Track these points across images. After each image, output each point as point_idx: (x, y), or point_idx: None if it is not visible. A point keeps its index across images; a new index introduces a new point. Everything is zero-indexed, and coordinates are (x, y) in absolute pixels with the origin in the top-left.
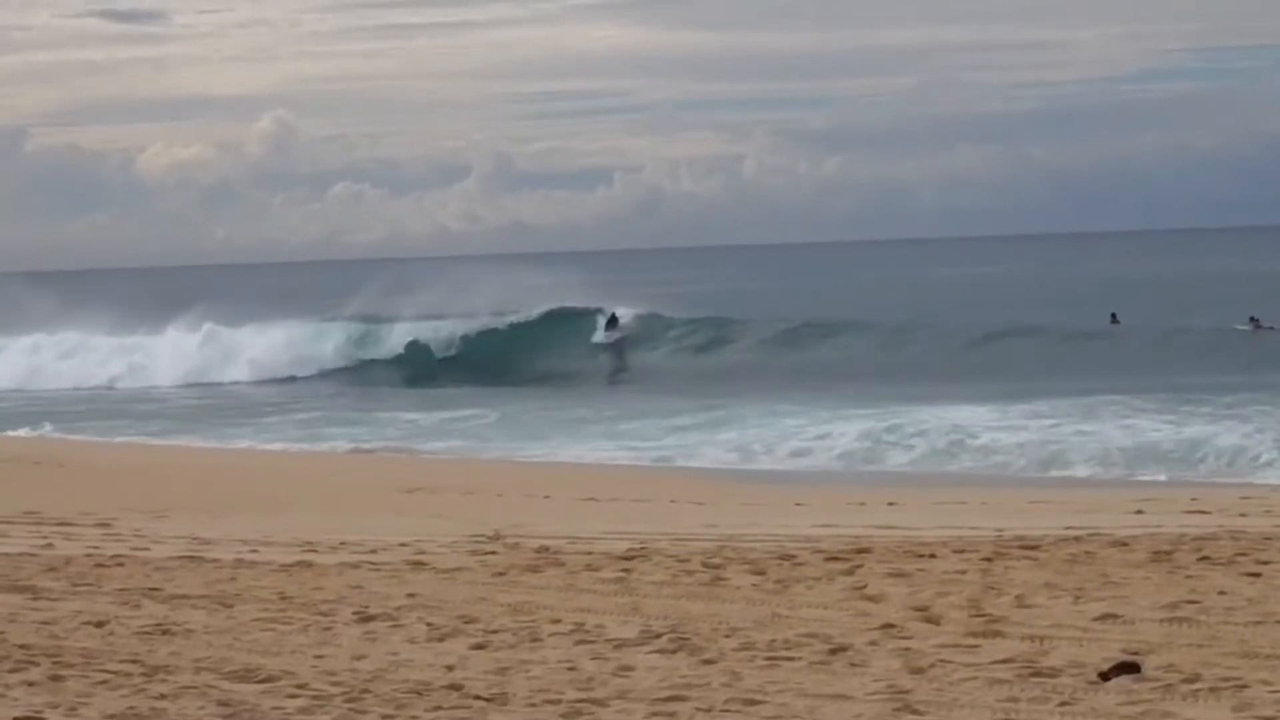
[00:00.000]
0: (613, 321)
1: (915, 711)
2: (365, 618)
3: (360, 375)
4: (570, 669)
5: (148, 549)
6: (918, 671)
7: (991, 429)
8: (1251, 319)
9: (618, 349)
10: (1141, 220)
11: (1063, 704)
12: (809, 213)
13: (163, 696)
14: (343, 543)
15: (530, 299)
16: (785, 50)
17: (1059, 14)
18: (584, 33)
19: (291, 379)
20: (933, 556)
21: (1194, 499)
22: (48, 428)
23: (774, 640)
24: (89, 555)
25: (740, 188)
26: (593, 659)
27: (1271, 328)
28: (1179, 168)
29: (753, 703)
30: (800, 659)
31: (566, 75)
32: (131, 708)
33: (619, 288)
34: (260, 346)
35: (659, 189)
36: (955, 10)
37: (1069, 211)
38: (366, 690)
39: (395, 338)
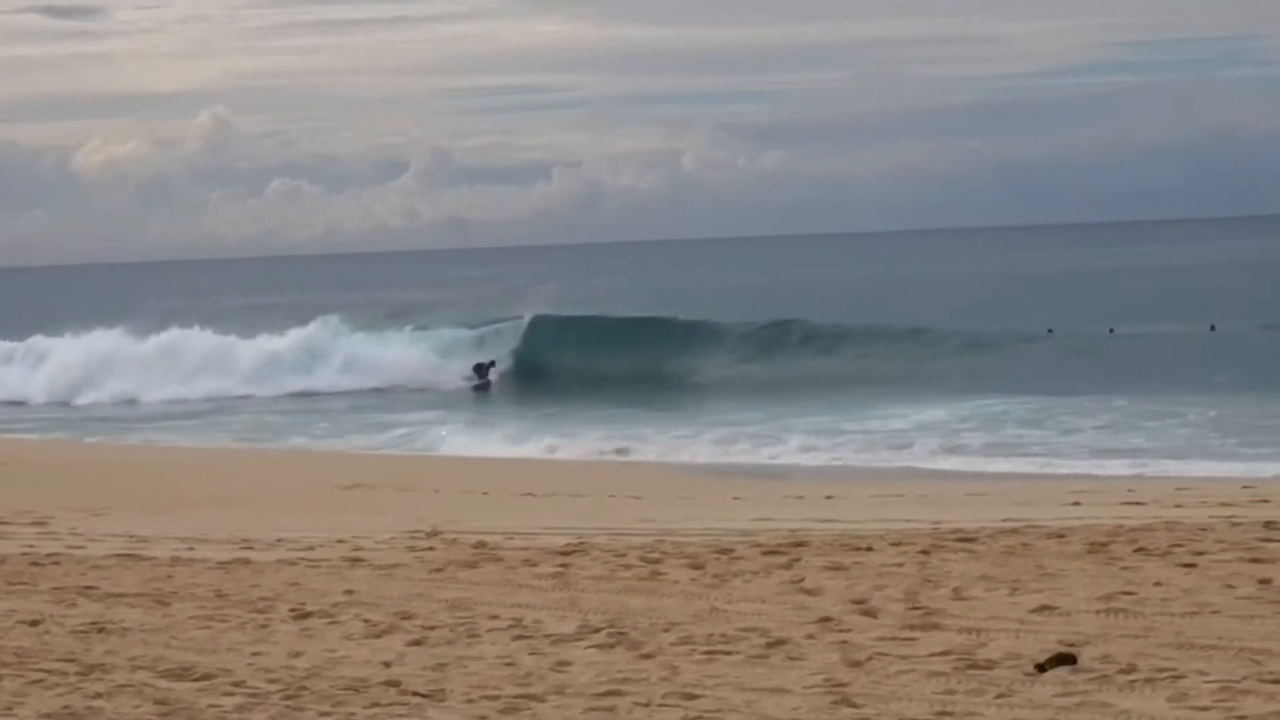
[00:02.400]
0: (483, 369)
1: (853, 704)
2: (302, 615)
3: None
4: (508, 664)
5: (84, 547)
6: (855, 664)
7: (935, 428)
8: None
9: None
10: (1083, 213)
11: (999, 696)
12: (750, 207)
13: (98, 695)
14: (280, 540)
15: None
16: (726, 44)
17: (1000, 7)
18: (523, 27)
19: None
20: (870, 549)
21: (1130, 490)
22: None
23: (712, 634)
24: (24, 554)
25: (680, 182)
26: (530, 654)
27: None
28: (1119, 160)
29: (691, 697)
30: (738, 653)
31: (505, 70)
32: (67, 707)
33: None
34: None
35: (598, 184)
36: (897, 4)
37: (1011, 204)
38: (304, 687)
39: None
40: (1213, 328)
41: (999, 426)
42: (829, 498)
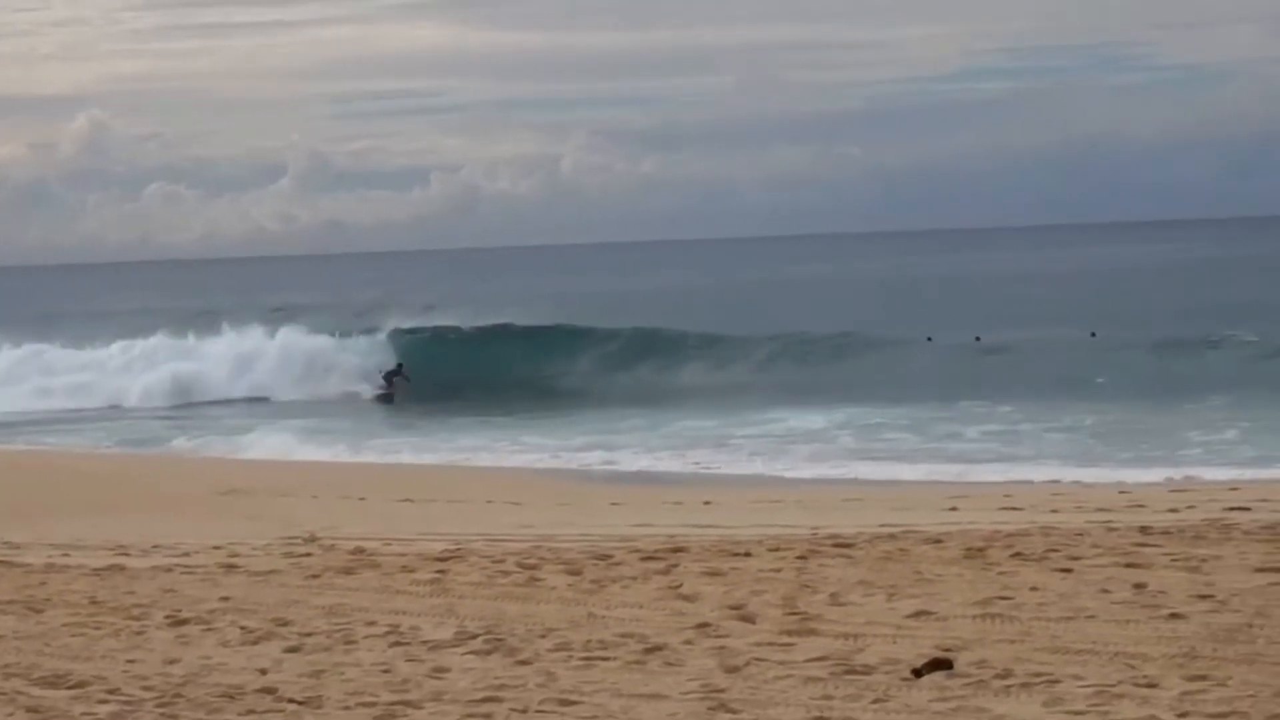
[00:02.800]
0: (394, 375)
1: (730, 710)
2: (177, 621)
3: None
4: (385, 671)
5: None
6: (733, 670)
7: (813, 435)
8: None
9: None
10: (961, 218)
11: (876, 701)
12: (629, 212)
13: None
14: (155, 546)
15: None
16: (606, 49)
17: (879, 14)
18: (402, 32)
19: None
20: (748, 555)
21: (1007, 496)
22: None
23: (589, 640)
24: None
25: (558, 187)
26: (407, 661)
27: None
28: (996, 166)
29: (568, 703)
30: (615, 659)
31: (384, 74)
32: None
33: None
34: None
35: (476, 188)
36: (776, 9)
37: (890, 210)
38: (179, 694)
39: None
40: (1093, 334)
41: (877, 433)
42: (707, 503)
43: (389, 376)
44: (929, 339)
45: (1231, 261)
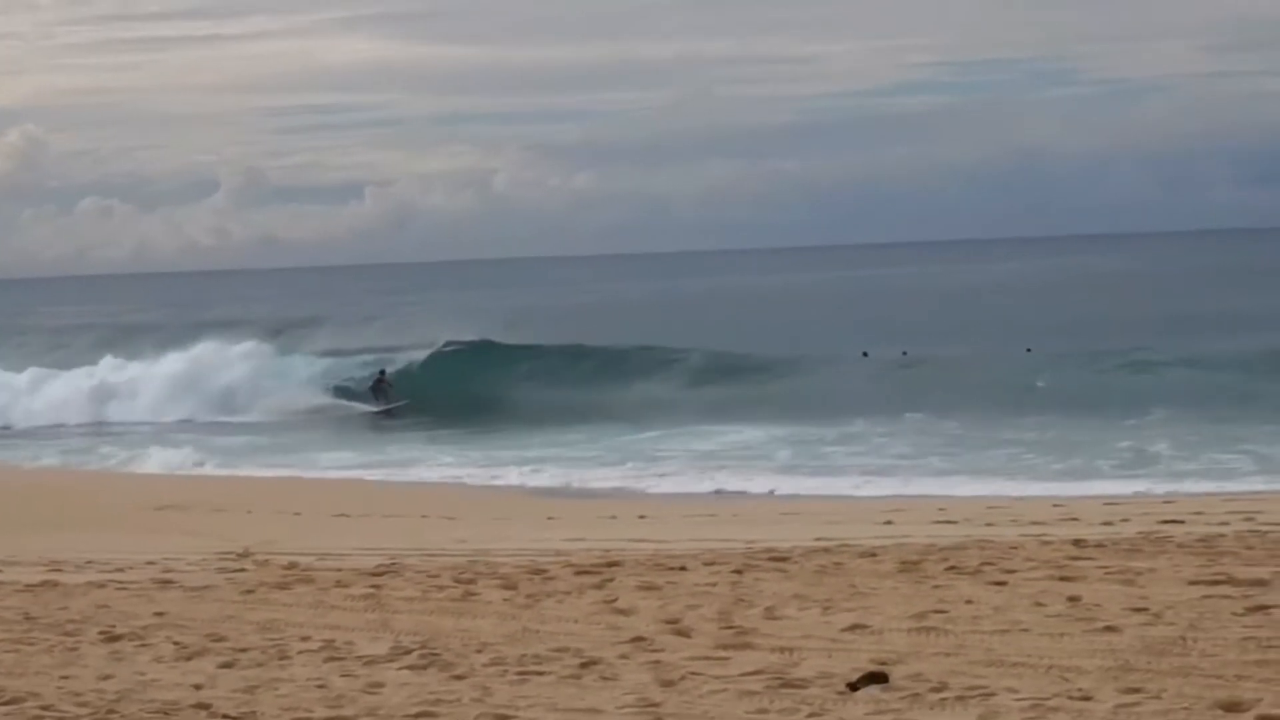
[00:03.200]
0: (380, 384)
1: None
2: (112, 637)
3: None
4: (320, 686)
5: None
6: (668, 684)
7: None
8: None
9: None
10: (895, 233)
11: (812, 715)
12: (563, 226)
13: None
14: (89, 561)
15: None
16: (542, 64)
17: (813, 28)
18: (337, 46)
19: None
20: (683, 569)
21: (942, 509)
22: None
23: (525, 655)
24: None
25: (492, 202)
26: (342, 676)
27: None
28: (930, 181)
29: (503, 718)
30: (551, 673)
31: (320, 89)
32: None
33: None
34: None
35: (410, 203)
36: (712, 24)
37: (824, 224)
38: (113, 711)
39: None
40: (1028, 350)
41: (812, 448)
42: (642, 517)
43: (374, 387)
44: (865, 354)
45: (1162, 276)
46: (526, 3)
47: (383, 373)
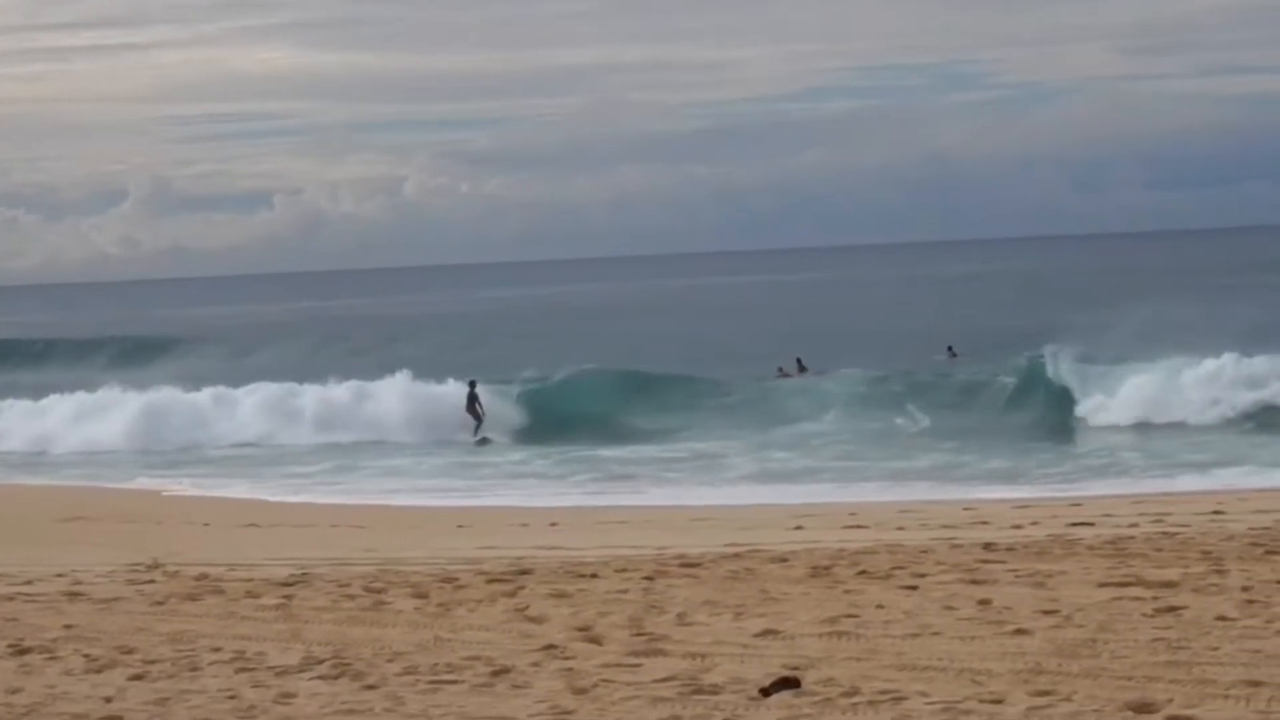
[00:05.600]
0: (474, 399)
1: None
2: (20, 650)
3: None
4: (231, 697)
5: None
6: (580, 692)
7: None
8: (948, 349)
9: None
10: (807, 237)
11: None
12: (474, 233)
13: None
14: None
15: None
16: (453, 71)
17: (726, 34)
18: (246, 54)
19: None
20: (594, 576)
21: (852, 514)
22: None
23: (436, 663)
24: None
25: (402, 209)
26: (254, 687)
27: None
28: (844, 185)
29: None
30: (463, 681)
31: (229, 98)
32: None
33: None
34: None
35: (320, 211)
36: (624, 31)
37: (735, 230)
38: None
39: None
40: (951, 351)
41: (716, 458)
42: (553, 525)
43: (471, 400)
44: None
45: (1076, 276)
46: (437, 10)
47: (473, 384)
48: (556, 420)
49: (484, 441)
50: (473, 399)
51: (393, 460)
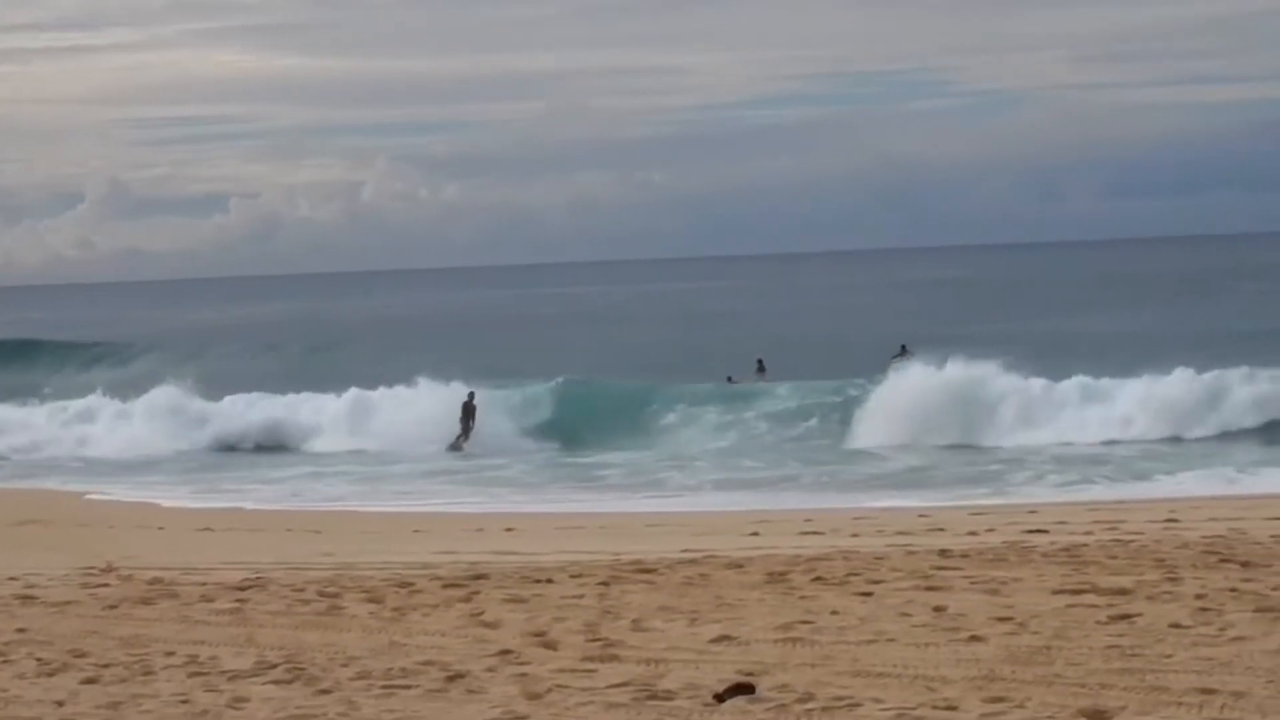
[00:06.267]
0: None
1: None
2: None
3: None
4: (184, 701)
5: None
6: (535, 697)
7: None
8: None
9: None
10: (765, 244)
11: None
12: (431, 238)
13: None
14: None
15: None
16: (412, 76)
17: (685, 40)
18: (203, 58)
19: None
20: (550, 582)
21: (808, 520)
22: None
23: (391, 668)
24: None
25: (360, 214)
26: (207, 691)
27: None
28: (801, 192)
29: None
30: (417, 686)
31: (185, 101)
32: None
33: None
34: None
35: (276, 215)
36: (583, 36)
37: (693, 236)
38: None
39: None
40: (903, 347)
41: (677, 466)
42: (509, 530)
43: (465, 412)
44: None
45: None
46: (396, 15)
47: (471, 395)
48: (518, 428)
49: (456, 448)
50: (468, 410)
51: (361, 467)
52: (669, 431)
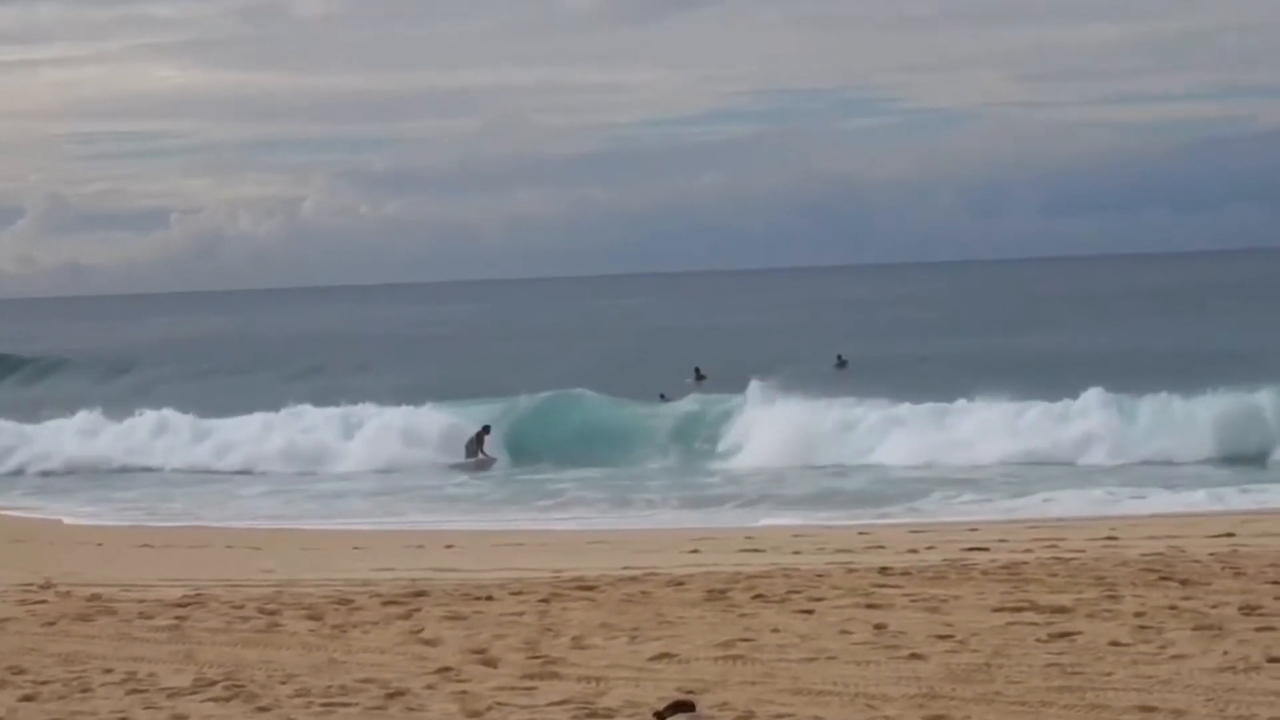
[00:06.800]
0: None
1: None
2: None
3: None
4: (122, 719)
5: None
6: (475, 715)
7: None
8: (695, 369)
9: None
10: (703, 260)
11: None
12: (372, 254)
13: None
14: None
15: None
16: (352, 92)
17: (624, 57)
18: (145, 72)
19: None
20: (490, 599)
21: (749, 538)
22: None
23: (330, 686)
24: None
25: (300, 229)
26: (145, 709)
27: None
28: (739, 209)
29: None
30: (357, 704)
31: (126, 115)
32: None
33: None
34: None
35: (217, 230)
36: (523, 52)
37: (632, 252)
38: None
39: None
40: (840, 358)
41: (616, 482)
42: (449, 547)
43: (478, 439)
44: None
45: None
46: (336, 31)
47: (486, 429)
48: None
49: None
50: (479, 440)
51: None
52: (609, 448)
